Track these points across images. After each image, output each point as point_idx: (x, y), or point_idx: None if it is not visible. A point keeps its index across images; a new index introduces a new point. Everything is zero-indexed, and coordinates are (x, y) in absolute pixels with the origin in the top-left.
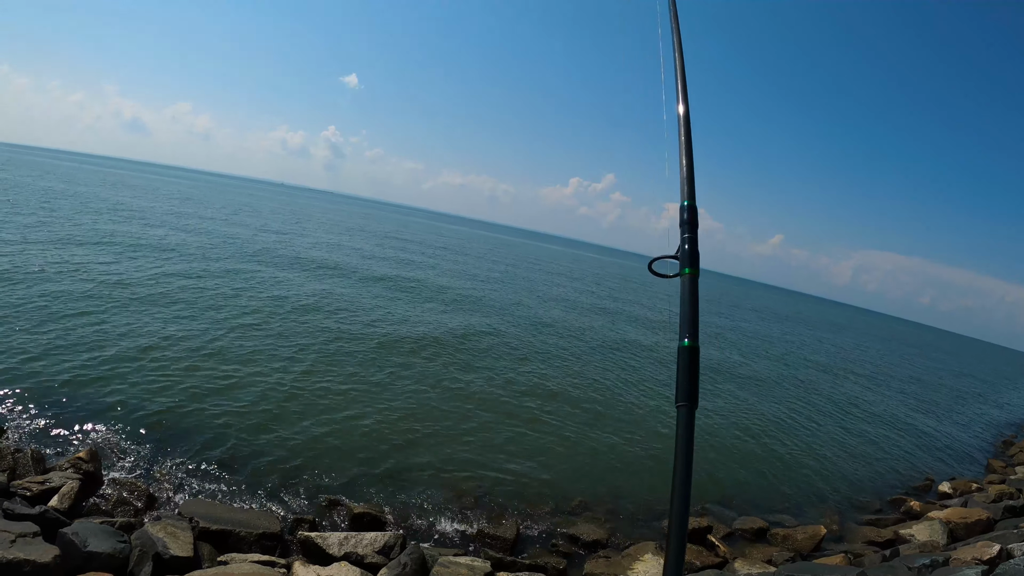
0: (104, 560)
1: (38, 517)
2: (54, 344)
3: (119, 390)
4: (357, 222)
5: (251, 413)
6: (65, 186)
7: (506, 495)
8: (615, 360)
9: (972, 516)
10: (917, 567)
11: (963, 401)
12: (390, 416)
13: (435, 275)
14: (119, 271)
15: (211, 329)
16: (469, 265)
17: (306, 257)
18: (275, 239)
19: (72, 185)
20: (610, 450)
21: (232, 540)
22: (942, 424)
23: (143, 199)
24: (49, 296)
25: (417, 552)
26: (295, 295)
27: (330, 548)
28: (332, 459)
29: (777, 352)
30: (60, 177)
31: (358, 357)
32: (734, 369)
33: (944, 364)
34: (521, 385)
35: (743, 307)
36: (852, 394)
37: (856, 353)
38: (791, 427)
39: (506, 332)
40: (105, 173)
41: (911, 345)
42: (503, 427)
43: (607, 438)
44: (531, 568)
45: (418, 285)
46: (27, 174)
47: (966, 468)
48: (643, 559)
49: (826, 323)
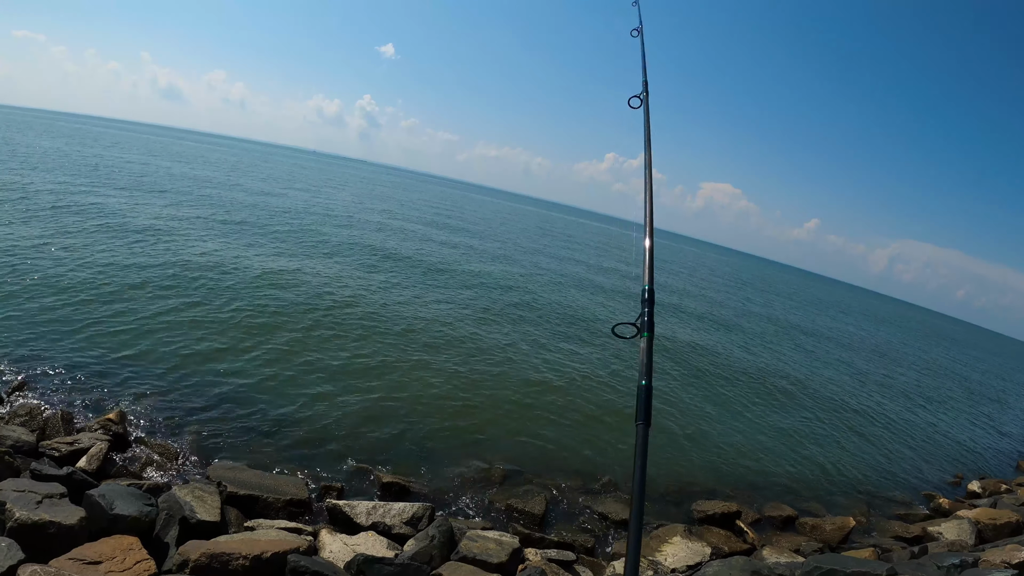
0: (130, 523)
1: (65, 478)
2: (90, 307)
3: (151, 352)
4: (414, 195)
5: (281, 379)
6: (115, 153)
7: (535, 470)
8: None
9: (1001, 518)
10: (947, 566)
11: (996, 400)
12: (422, 386)
13: (474, 243)
14: (161, 240)
15: (245, 297)
16: (507, 238)
17: (352, 231)
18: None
19: (125, 151)
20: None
21: (259, 506)
22: (974, 422)
23: (196, 167)
24: (91, 263)
25: (445, 524)
26: (335, 267)
27: (358, 517)
28: (362, 427)
29: (814, 343)
30: (106, 143)
31: (394, 329)
32: (770, 355)
33: (980, 361)
34: (557, 363)
35: (781, 294)
36: (886, 388)
37: (890, 345)
38: (824, 417)
39: (549, 307)
40: (150, 140)
41: (948, 340)
42: (536, 402)
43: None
44: (559, 545)
45: (462, 258)
46: (81, 142)
47: (996, 468)
48: (672, 541)
49: (862, 313)
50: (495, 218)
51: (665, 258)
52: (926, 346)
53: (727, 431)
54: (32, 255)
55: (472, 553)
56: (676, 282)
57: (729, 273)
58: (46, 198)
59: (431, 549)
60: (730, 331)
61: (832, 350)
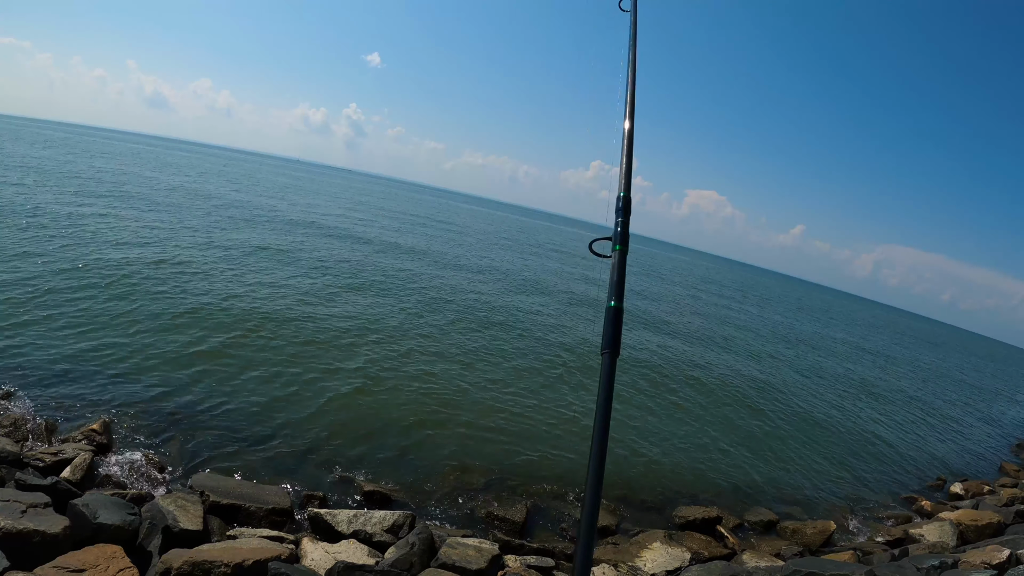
0: (113, 532)
1: (49, 488)
2: (70, 315)
3: (133, 363)
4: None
5: (263, 389)
6: (102, 163)
7: (515, 478)
8: (640, 354)
9: (983, 519)
10: (926, 568)
11: (979, 401)
12: (404, 396)
13: (450, 249)
14: (146, 245)
15: (225, 303)
16: (491, 244)
17: (333, 233)
18: (296, 210)
19: (110, 161)
20: (621, 439)
21: (242, 515)
22: (957, 423)
23: (178, 176)
24: (73, 270)
25: (426, 532)
26: (317, 280)
27: (339, 525)
28: (343, 437)
29: (797, 349)
30: (95, 153)
31: (374, 339)
32: (755, 361)
33: (964, 364)
34: (538, 370)
35: (766, 299)
36: (868, 390)
37: (875, 350)
38: (806, 420)
39: (530, 314)
40: (136, 150)
41: (932, 343)
42: (516, 410)
43: (619, 428)
44: (539, 552)
45: (441, 257)
46: (70, 152)
47: (978, 469)
48: (651, 547)
49: (848, 318)
50: (476, 225)
51: (650, 265)
52: (911, 350)
53: (708, 437)
54: (11, 264)
55: (452, 560)
56: (657, 288)
57: (708, 278)
58: (24, 207)
59: (411, 556)
60: (710, 338)
61: (815, 355)
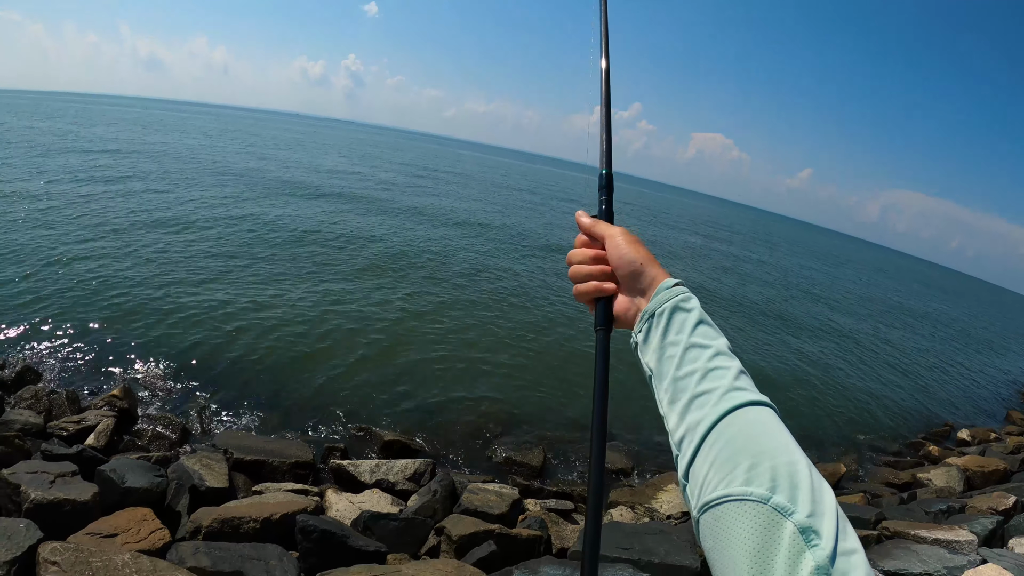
0: (142, 494)
1: (75, 456)
2: (86, 282)
3: (150, 326)
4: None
5: (281, 345)
6: (102, 130)
7: (533, 423)
8: None
9: (989, 465)
10: (934, 511)
11: (988, 350)
12: (419, 346)
13: (459, 203)
14: (158, 207)
15: (241, 264)
16: (486, 192)
17: (335, 190)
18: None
19: (110, 128)
20: (638, 383)
21: (266, 470)
22: (965, 370)
23: (169, 135)
24: (84, 237)
25: (447, 479)
26: (330, 228)
27: (361, 476)
28: (362, 389)
29: (805, 289)
30: (100, 121)
31: (386, 290)
32: (764, 306)
33: (972, 311)
34: (553, 317)
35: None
36: (878, 335)
37: (884, 295)
38: (815, 365)
39: (542, 268)
40: (136, 114)
41: (940, 289)
42: (533, 356)
43: (632, 372)
44: (558, 495)
45: (450, 213)
46: (71, 121)
47: (986, 417)
48: (666, 489)
49: (858, 262)
50: (477, 172)
51: (659, 208)
52: (918, 296)
53: None
54: (27, 232)
55: (474, 505)
56: (668, 234)
57: (713, 221)
58: (38, 180)
59: (434, 503)
60: (726, 273)
61: (822, 299)
